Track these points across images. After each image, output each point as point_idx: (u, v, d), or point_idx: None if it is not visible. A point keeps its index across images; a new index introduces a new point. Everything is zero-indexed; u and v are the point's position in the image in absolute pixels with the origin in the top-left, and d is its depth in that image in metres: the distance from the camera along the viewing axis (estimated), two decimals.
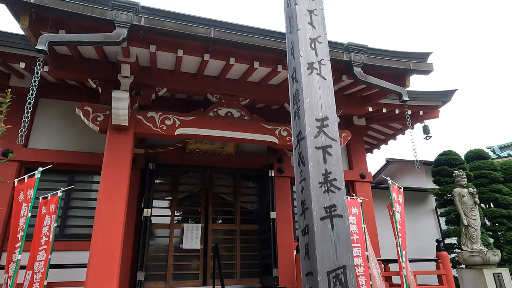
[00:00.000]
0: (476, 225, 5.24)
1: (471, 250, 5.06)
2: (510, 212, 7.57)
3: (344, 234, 1.88)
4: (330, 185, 1.96)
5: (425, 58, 5.07)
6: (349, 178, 7.73)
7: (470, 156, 8.45)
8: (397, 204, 5.03)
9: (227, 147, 6.75)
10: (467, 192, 5.46)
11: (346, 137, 5.74)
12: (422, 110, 7.39)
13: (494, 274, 4.82)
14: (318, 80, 2.23)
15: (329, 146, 2.06)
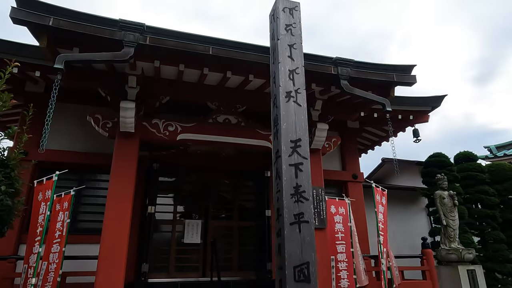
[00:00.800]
0: (454, 225, 5.66)
1: (448, 248, 5.49)
2: (494, 212, 7.97)
3: (309, 237, 2.32)
4: (300, 196, 2.40)
5: (409, 71, 5.45)
6: (342, 178, 8.17)
7: (459, 158, 8.83)
8: (380, 205, 5.46)
9: (227, 148, 7.19)
10: (447, 195, 5.87)
11: (336, 142, 6.16)
12: (412, 115, 7.77)
13: (468, 271, 5.25)
14: (294, 107, 2.66)
15: (301, 164, 2.50)
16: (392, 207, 10.90)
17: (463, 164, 8.60)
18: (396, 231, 10.42)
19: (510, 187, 8.43)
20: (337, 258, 5.46)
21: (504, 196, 8.55)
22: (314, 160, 5.71)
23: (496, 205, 8.28)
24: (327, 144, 6.05)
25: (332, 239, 5.52)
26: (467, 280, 5.17)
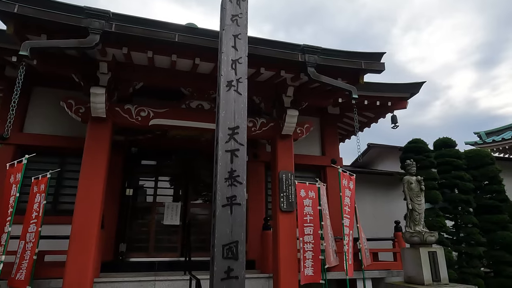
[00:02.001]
0: (419, 210, 5.85)
1: (412, 231, 5.70)
2: (468, 197, 8.16)
3: (240, 218, 2.50)
4: (234, 180, 2.57)
5: (378, 58, 5.53)
6: (321, 163, 8.35)
7: (438, 144, 8.96)
8: (347, 190, 5.65)
9: (206, 133, 7.35)
10: (415, 180, 6.04)
11: (309, 128, 6.29)
12: (390, 101, 7.88)
13: (429, 252, 5.47)
14: (235, 96, 2.80)
15: (237, 150, 2.65)
16: (374, 191, 11.17)
17: (441, 150, 8.73)
18: (378, 215, 10.70)
19: (486, 173, 8.60)
20: (304, 240, 5.68)
21: (480, 182, 8.72)
22: (285, 145, 5.89)
23: (471, 190, 8.45)
24: (299, 130, 6.18)
25: (301, 222, 5.74)
26: (427, 261, 5.41)
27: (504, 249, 8.06)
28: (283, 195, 5.56)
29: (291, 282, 5.21)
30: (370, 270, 6.91)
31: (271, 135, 6.00)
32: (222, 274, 2.36)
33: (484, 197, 8.71)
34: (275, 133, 5.98)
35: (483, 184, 8.78)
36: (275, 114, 6.11)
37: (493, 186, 8.58)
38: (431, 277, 5.37)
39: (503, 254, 7.93)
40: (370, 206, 10.98)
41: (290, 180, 5.68)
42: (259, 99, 6.23)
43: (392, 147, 11.51)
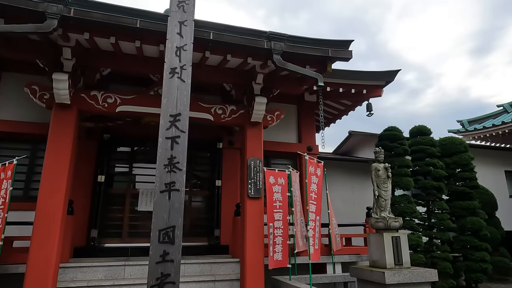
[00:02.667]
0: (386, 196, 5.97)
1: (377, 217, 5.83)
2: (440, 184, 8.34)
3: (178, 203, 2.56)
4: (173, 167, 2.61)
5: (346, 46, 5.54)
6: (297, 150, 8.41)
7: (413, 132, 9.09)
8: (314, 177, 5.74)
9: None
10: (382, 167, 6.14)
11: (279, 115, 6.33)
12: (365, 89, 7.93)
13: (392, 237, 5.61)
14: (178, 83, 2.81)
15: (178, 137, 2.69)
16: (353, 178, 11.35)
17: (416, 138, 8.86)
18: (357, 201, 10.90)
19: (459, 160, 8.78)
20: (274, 225, 5.79)
21: (453, 169, 8.91)
22: (254, 133, 5.93)
23: (443, 177, 8.64)
24: (269, 117, 6.22)
25: (270, 208, 5.83)
26: (391, 245, 5.55)
27: (473, 234, 8.31)
28: (251, 181, 5.63)
29: (257, 267, 5.33)
30: (340, 254, 7.09)
31: (241, 123, 6.02)
32: (158, 258, 2.42)
33: (456, 184, 8.91)
34: (245, 120, 6.01)
35: (456, 171, 8.96)
36: (246, 102, 6.13)
37: (465, 173, 8.77)
38: (393, 261, 5.52)
39: (471, 239, 8.17)
40: (350, 193, 11.18)
41: (259, 167, 5.74)
42: (230, 86, 6.23)
43: (372, 135, 11.64)
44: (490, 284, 8.94)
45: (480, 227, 8.20)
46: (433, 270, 5.42)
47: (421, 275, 5.31)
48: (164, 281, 2.37)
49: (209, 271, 6.13)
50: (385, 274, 5.11)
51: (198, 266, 6.10)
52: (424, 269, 5.43)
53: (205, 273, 6.08)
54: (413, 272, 5.30)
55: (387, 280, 5.09)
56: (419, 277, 5.30)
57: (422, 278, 5.31)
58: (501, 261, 9.29)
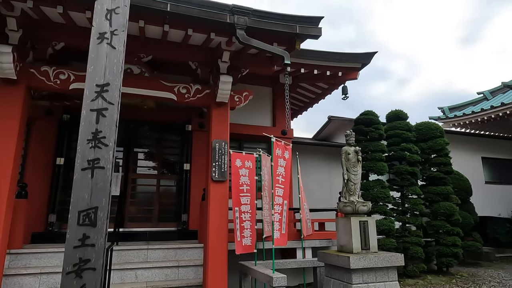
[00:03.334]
0: (355, 180, 5.83)
1: (346, 201, 5.70)
2: (414, 169, 8.29)
3: (102, 182, 2.30)
4: (98, 142, 2.34)
5: (316, 23, 5.27)
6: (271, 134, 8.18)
7: (390, 116, 8.97)
8: (282, 160, 5.54)
9: (147, 101, 7.02)
10: (353, 151, 5.98)
11: (248, 96, 6.07)
12: (341, 71, 7.71)
13: (360, 222, 5.50)
14: (107, 49, 2.52)
15: (105, 109, 2.41)
16: (331, 163, 11.24)
17: (392, 123, 8.75)
18: (334, 186, 10.83)
19: (434, 146, 8.72)
20: (241, 210, 5.60)
21: (428, 154, 8.86)
22: (220, 114, 5.67)
23: (418, 162, 8.59)
24: (237, 98, 5.95)
25: (237, 192, 5.63)
26: (358, 230, 5.44)
27: (446, 219, 8.32)
28: (215, 164, 5.40)
29: (220, 252, 5.15)
30: (311, 239, 6.98)
31: (206, 103, 5.75)
32: (76, 242, 2.18)
33: (431, 169, 8.88)
34: (210, 100, 5.73)
35: (431, 157, 8.91)
36: (212, 81, 5.84)
37: (439, 158, 8.73)
38: (360, 245, 5.42)
39: (443, 224, 8.18)
40: (327, 178, 11.09)
41: (224, 149, 5.51)
42: (195, 65, 5.92)
43: (352, 120, 11.43)
44: (461, 268, 9.04)
45: (453, 212, 8.21)
46: (399, 255, 5.34)
47: (387, 260, 5.23)
48: (82, 267, 2.14)
49: (174, 256, 5.94)
50: (350, 259, 5.00)
51: (162, 252, 5.90)
52: (390, 254, 5.35)
53: (169, 259, 5.89)
54: (379, 256, 5.21)
55: (352, 265, 4.99)
56: (385, 261, 5.21)
57: (387, 262, 5.23)
58: (473, 245, 9.38)
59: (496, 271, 8.61)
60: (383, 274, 5.27)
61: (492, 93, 16.83)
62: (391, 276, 5.31)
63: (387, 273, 5.29)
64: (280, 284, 4.61)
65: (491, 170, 13.38)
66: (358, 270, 5.10)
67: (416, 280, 7.46)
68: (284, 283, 4.65)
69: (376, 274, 5.23)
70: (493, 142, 13.52)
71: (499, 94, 16.44)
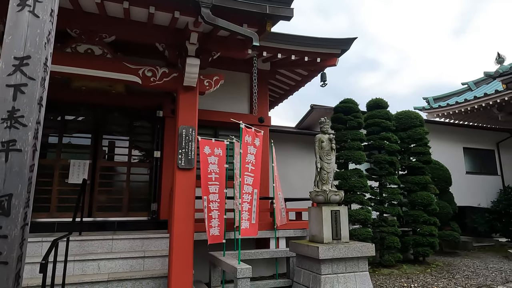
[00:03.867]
0: (328, 169, 5.68)
1: (318, 190, 5.55)
2: (393, 158, 8.18)
3: (18, 167, 2.05)
4: (15, 121, 2.08)
5: (288, 3, 5.02)
6: (248, 121, 7.94)
7: (370, 105, 8.81)
8: (252, 147, 5.33)
9: (116, 85, 6.71)
10: (327, 138, 5.81)
11: (218, 80, 5.80)
12: (320, 57, 7.49)
13: (332, 211, 5.36)
14: (29, 18, 2.23)
15: (24, 85, 2.14)
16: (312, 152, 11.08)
17: (372, 111, 8.60)
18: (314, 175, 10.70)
19: (413, 135, 8.61)
20: (209, 198, 5.40)
21: (407, 144, 8.76)
22: (187, 98, 5.41)
23: (397, 152, 8.49)
24: (207, 82, 5.68)
25: (205, 180, 5.42)
26: (329, 220, 5.30)
27: (423, 209, 8.27)
28: (181, 151, 5.16)
29: (185, 242, 4.94)
30: (285, 229, 6.84)
31: (174, 87, 5.46)
32: None
33: (410, 159, 8.79)
34: (178, 84, 5.45)
35: (410, 146, 8.82)
36: (180, 64, 5.55)
37: (419, 147, 8.64)
38: (331, 235, 5.30)
39: (420, 213, 8.13)
40: (308, 167, 10.95)
41: (191, 135, 5.26)
42: (162, 47, 5.60)
43: None
44: (438, 258, 9.06)
45: (430, 201, 8.16)
46: (370, 245, 5.23)
47: (357, 250, 5.11)
48: None
49: (140, 247, 5.73)
50: (319, 249, 4.87)
51: (128, 242, 5.68)
52: (361, 244, 5.24)
53: (136, 249, 5.69)
54: (350, 247, 5.09)
55: (321, 255, 4.86)
56: (355, 252, 5.10)
57: (358, 252, 5.11)
58: (451, 235, 9.40)
59: (471, 260, 8.65)
60: (353, 264, 5.16)
61: (476, 84, 16.85)
62: (361, 267, 5.20)
63: (357, 263, 5.19)
64: (245, 275, 4.45)
65: (472, 160, 13.44)
66: (328, 261, 4.98)
67: (391, 269, 7.42)
68: (248, 274, 4.49)
69: (346, 265, 5.11)
70: (475, 133, 13.55)
71: (483, 85, 16.46)
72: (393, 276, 6.93)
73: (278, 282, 6.15)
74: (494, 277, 6.79)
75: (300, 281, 5.39)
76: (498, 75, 10.23)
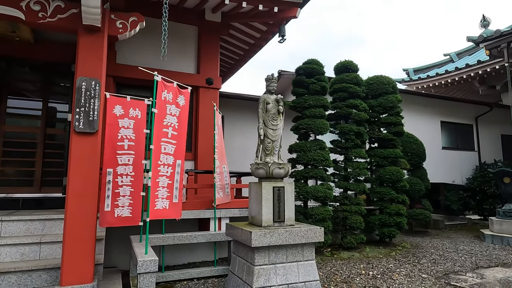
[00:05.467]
0: (274, 137, 4.63)
1: (259, 162, 4.52)
2: (360, 129, 7.21)
3: None
4: None
5: None
6: (193, 83, 6.78)
7: (338, 68, 7.71)
8: (173, 106, 4.23)
9: (20, 31, 5.37)
10: (273, 99, 4.73)
11: (136, 22, 4.53)
12: (277, 7, 6.27)
13: (274, 188, 4.36)
14: None
15: None
16: None
17: (340, 75, 7.52)
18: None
19: (384, 103, 7.61)
20: (117, 172, 4.30)
21: (378, 113, 7.77)
22: (90, 42, 4.20)
23: (366, 122, 7.52)
24: (120, 24, 4.44)
25: (112, 148, 4.29)
26: (271, 198, 4.31)
27: (391, 186, 7.43)
28: (80, 110, 3.98)
29: (83, 225, 3.87)
30: (229, 208, 5.86)
31: (73, 27, 4.20)
32: None
33: (380, 130, 7.85)
34: (78, 25, 4.19)
35: (381, 116, 7.85)
36: None
37: (390, 117, 7.68)
38: (272, 217, 4.32)
39: (388, 190, 7.28)
40: None
41: (95, 91, 4.07)
42: None
43: None
44: (406, 238, 8.36)
45: (399, 177, 7.30)
46: (318, 228, 4.28)
47: (301, 235, 4.17)
48: None
49: (41, 230, 4.64)
50: (252, 235, 3.89)
51: (24, 224, 4.57)
52: (306, 227, 4.29)
53: (34, 233, 4.60)
54: (292, 231, 4.13)
55: (254, 242, 3.88)
56: (299, 237, 4.15)
57: (302, 238, 4.17)
58: (421, 213, 8.68)
59: (441, 241, 7.97)
60: (297, 252, 4.22)
61: (459, 55, 15.96)
62: (306, 255, 4.28)
63: (301, 251, 4.25)
64: (147, 269, 3.44)
65: (449, 135, 12.70)
66: (263, 249, 4.02)
67: (353, 252, 6.61)
68: (153, 268, 3.48)
69: (287, 253, 4.17)
70: (454, 106, 12.74)
71: (466, 56, 15.59)
72: (352, 260, 6.11)
73: (216, 270, 5.21)
74: (464, 261, 6.06)
75: (235, 271, 4.45)
76: (481, 40, 9.26)
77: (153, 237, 4.81)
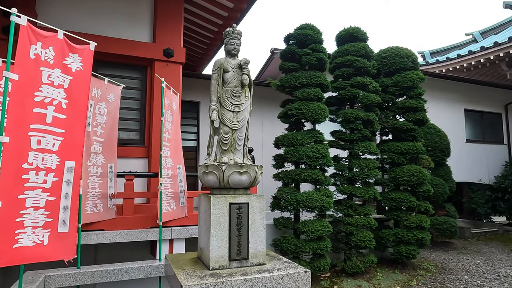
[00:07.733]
0: (235, 123, 2.93)
1: (208, 164, 2.84)
2: (370, 116, 5.46)
3: None
4: None
5: None
6: (147, 55, 5.13)
7: (341, 36, 5.92)
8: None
9: None
10: (235, 65, 3.03)
11: None
12: None
13: (232, 205, 2.69)
14: None
15: None
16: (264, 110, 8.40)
17: (344, 46, 5.74)
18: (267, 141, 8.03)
19: (402, 81, 5.82)
20: None
21: (393, 95, 5.99)
22: None
23: (377, 106, 5.78)
24: None
25: None
26: (225, 222, 2.64)
27: (411, 190, 5.69)
28: None
29: None
30: (184, 226, 4.21)
31: None
32: None
33: (396, 117, 6.09)
34: None
35: (397, 100, 6.08)
36: None
37: (409, 100, 5.89)
38: (227, 252, 2.66)
39: (407, 196, 5.54)
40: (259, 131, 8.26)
41: None
42: None
43: None
44: (427, 254, 6.64)
45: (422, 179, 5.54)
46: (300, 273, 2.61)
47: (272, 287, 2.50)
48: None
49: None
50: None
51: None
52: (283, 272, 2.60)
53: None
54: (257, 281, 2.47)
55: None
56: None
57: None
58: (445, 222, 6.96)
59: (473, 259, 6.23)
60: None
61: (483, 34, 13.94)
62: None
63: None
64: None
65: (474, 125, 10.84)
66: None
67: (359, 280, 4.93)
68: None
69: None
70: (480, 92, 10.86)
71: (491, 35, 13.60)
72: None
73: None
74: None
75: None
76: None
77: (60, 274, 3.18)
